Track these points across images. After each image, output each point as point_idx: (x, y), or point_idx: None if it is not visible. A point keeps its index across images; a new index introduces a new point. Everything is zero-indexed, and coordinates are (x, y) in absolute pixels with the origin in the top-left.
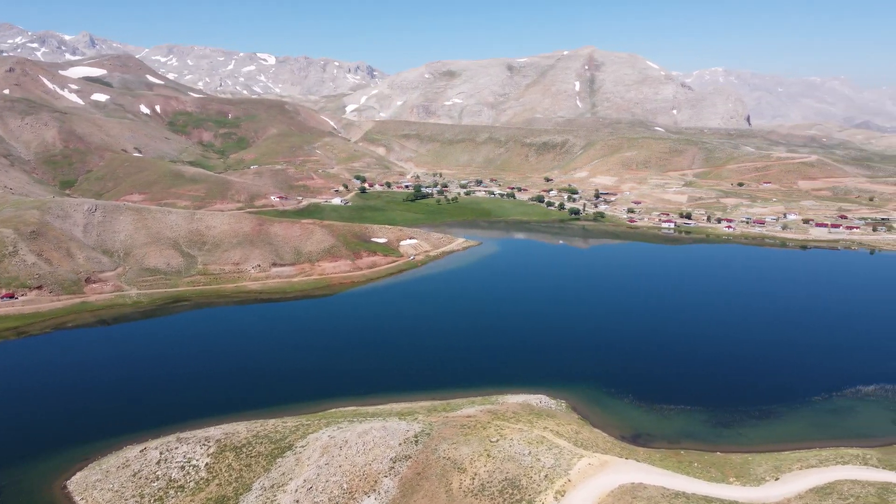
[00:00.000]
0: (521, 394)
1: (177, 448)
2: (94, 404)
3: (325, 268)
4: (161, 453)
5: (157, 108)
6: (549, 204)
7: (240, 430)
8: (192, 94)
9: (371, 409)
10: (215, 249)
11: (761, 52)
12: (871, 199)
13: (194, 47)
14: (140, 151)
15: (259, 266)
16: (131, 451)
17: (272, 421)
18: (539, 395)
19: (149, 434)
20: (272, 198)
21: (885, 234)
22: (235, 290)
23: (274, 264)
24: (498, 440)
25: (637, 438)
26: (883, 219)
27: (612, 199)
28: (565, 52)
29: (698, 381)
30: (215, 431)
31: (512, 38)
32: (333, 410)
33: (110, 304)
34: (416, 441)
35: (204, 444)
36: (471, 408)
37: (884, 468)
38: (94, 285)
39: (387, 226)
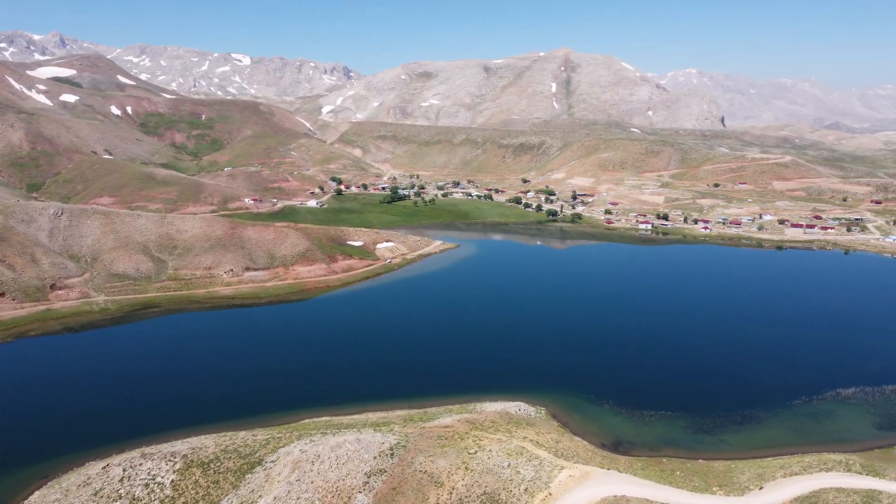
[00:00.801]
0: (499, 401)
1: (141, 464)
2: (55, 417)
3: (299, 272)
4: (124, 470)
5: (129, 109)
6: (527, 205)
7: (208, 444)
8: (164, 94)
9: (346, 419)
10: (186, 254)
11: (733, 53)
12: (844, 200)
13: (167, 47)
14: (110, 153)
15: (232, 271)
16: (93, 468)
17: (242, 433)
18: (518, 403)
19: (113, 449)
20: (246, 200)
21: (859, 234)
22: (207, 296)
23: (247, 269)
24: (476, 452)
25: (618, 446)
26: (856, 219)
27: (590, 200)
28: (541, 54)
29: (678, 385)
30: (182, 446)
31: (488, 39)
32: (307, 421)
33: (76, 311)
34: (392, 454)
35: (170, 460)
36: (448, 417)
37: (867, 475)
38: (59, 292)
39: (363, 228)
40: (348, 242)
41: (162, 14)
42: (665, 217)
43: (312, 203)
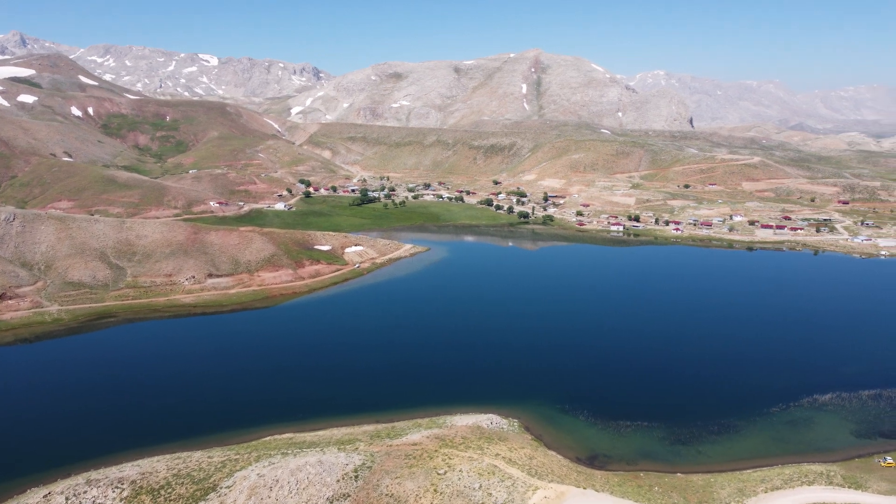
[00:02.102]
0: (470, 413)
1: (86, 492)
2: None
3: (264, 278)
4: (67, 498)
5: (90, 110)
6: (498, 207)
7: (159, 468)
8: (127, 95)
9: (309, 435)
10: (146, 260)
11: (700, 55)
12: (812, 200)
13: (132, 47)
14: (70, 156)
15: (193, 277)
16: (34, 497)
17: (197, 454)
18: (490, 415)
19: (58, 473)
20: (211, 203)
21: (828, 234)
22: (167, 304)
23: (210, 275)
24: (446, 472)
25: (594, 460)
26: (825, 219)
27: (561, 201)
28: (511, 55)
29: (654, 392)
30: (131, 471)
31: (458, 40)
32: (268, 439)
33: (27, 322)
34: (356, 476)
35: (117, 487)
36: (417, 432)
37: (850, 487)
38: (9, 301)
39: (331, 232)
40: (316, 247)
41: (127, 13)
42: (636, 218)
43: (280, 206)
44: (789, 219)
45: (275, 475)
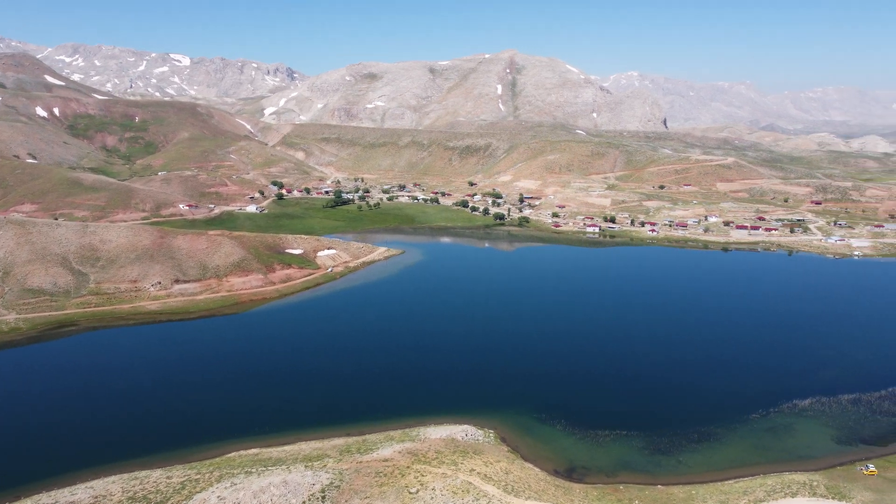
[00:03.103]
0: (445, 424)
1: None
2: None
3: (233, 283)
4: None
5: (56, 110)
6: (474, 209)
7: (114, 490)
8: (95, 95)
9: (276, 451)
10: (110, 266)
11: (673, 57)
12: (785, 201)
13: (102, 47)
14: (34, 157)
15: (160, 283)
16: None
17: (156, 474)
18: (465, 426)
19: (5, 497)
20: (181, 206)
21: (802, 235)
22: (132, 311)
23: (176, 281)
24: (418, 491)
25: (572, 473)
26: (798, 220)
27: (537, 203)
28: (487, 56)
29: (632, 400)
30: (83, 494)
31: (433, 40)
32: (233, 455)
33: None
34: (323, 497)
35: None
36: (389, 447)
37: (833, 498)
38: None
39: (303, 235)
40: (287, 251)
41: (96, 12)
42: (612, 220)
43: (252, 208)
44: (763, 219)
45: (236, 498)
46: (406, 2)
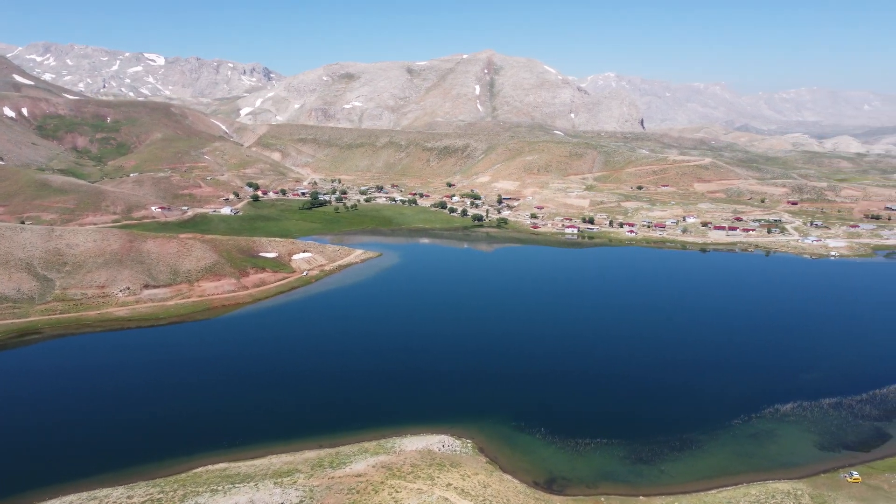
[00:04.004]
0: (421, 434)
1: None
2: None
3: (205, 288)
4: None
5: (24, 110)
6: (452, 210)
7: None
8: (66, 95)
9: (245, 465)
10: (77, 271)
11: (649, 57)
12: (762, 201)
13: (74, 46)
14: (1, 159)
15: (128, 289)
16: None
17: (118, 492)
18: (442, 436)
19: None
20: (153, 209)
21: (779, 235)
22: (99, 318)
23: (146, 286)
24: None
25: (552, 484)
26: (775, 220)
27: (515, 204)
28: (465, 56)
29: (613, 406)
30: None
31: (411, 40)
32: (200, 470)
33: None
34: None
35: None
36: (363, 460)
37: None
38: None
39: (277, 238)
40: (261, 254)
41: (69, 11)
42: (591, 221)
43: (226, 210)
44: (741, 220)
45: None
46: (384, 1)
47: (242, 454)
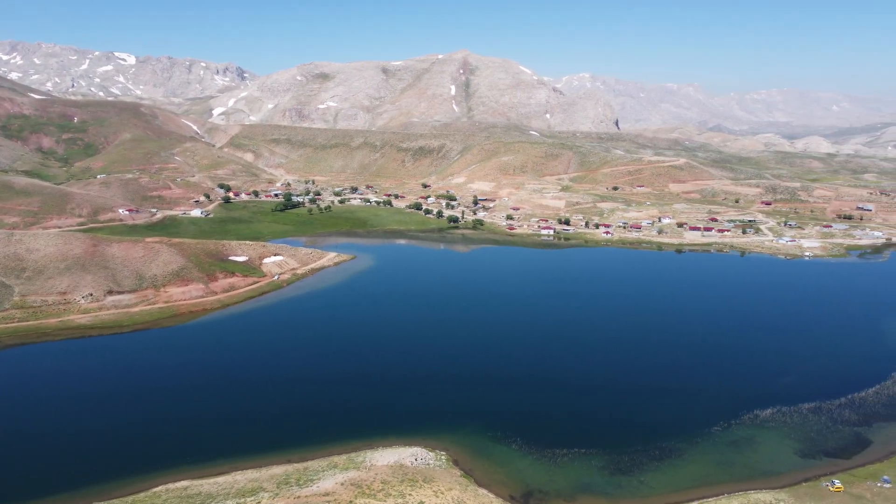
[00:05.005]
0: (393, 447)
1: None
2: None
3: (172, 294)
4: None
5: None
6: (427, 212)
7: None
8: (32, 94)
9: (208, 483)
10: (37, 277)
11: (623, 58)
12: (736, 201)
13: (42, 44)
14: None
15: (91, 295)
16: None
17: None
18: (414, 449)
19: None
20: (120, 211)
21: (754, 236)
22: (59, 326)
23: (110, 292)
24: None
25: (529, 498)
26: (750, 220)
27: (491, 205)
28: (440, 56)
29: (590, 414)
30: None
31: (386, 40)
32: (160, 489)
33: None
34: None
35: None
36: (331, 477)
37: None
38: None
39: (248, 242)
40: (231, 258)
41: (36, 8)
42: (567, 222)
43: (196, 212)
44: (716, 220)
45: None
46: (359, 1)
47: (206, 470)
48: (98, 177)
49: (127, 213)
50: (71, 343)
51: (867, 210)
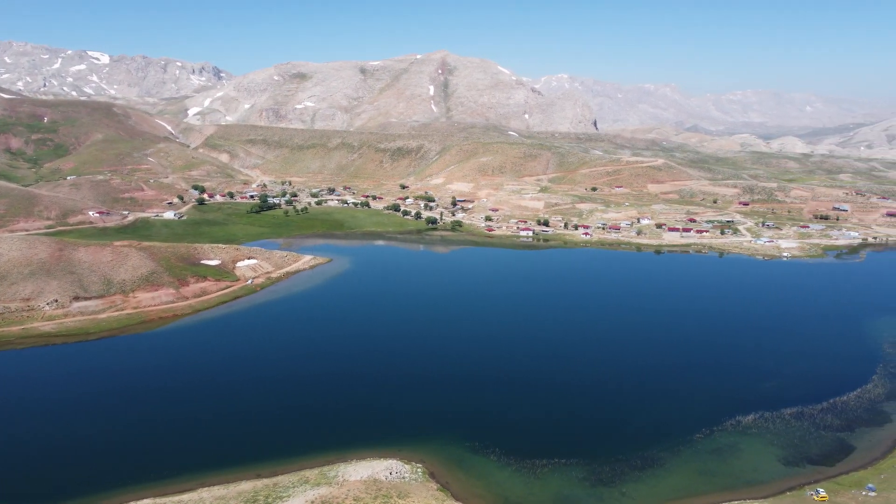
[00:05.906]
0: (367, 459)
1: None
2: None
3: (141, 299)
4: None
5: None
6: (406, 213)
7: None
8: (0, 94)
9: (173, 500)
10: (0, 283)
11: (601, 59)
12: (714, 202)
13: (13, 43)
14: None
15: (56, 301)
16: None
17: None
18: (390, 461)
19: None
20: (90, 213)
21: (732, 236)
22: (22, 334)
23: (76, 298)
24: None
25: None
26: (728, 221)
27: (470, 206)
28: (418, 56)
29: (570, 422)
30: None
31: (363, 40)
32: None
33: None
34: None
35: None
36: (301, 493)
37: None
38: None
39: (221, 245)
40: (203, 262)
41: (5, 5)
42: (546, 223)
43: (169, 214)
44: (694, 221)
45: None
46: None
47: (171, 487)
48: (68, 178)
49: (97, 215)
50: (32, 352)
51: (843, 210)
